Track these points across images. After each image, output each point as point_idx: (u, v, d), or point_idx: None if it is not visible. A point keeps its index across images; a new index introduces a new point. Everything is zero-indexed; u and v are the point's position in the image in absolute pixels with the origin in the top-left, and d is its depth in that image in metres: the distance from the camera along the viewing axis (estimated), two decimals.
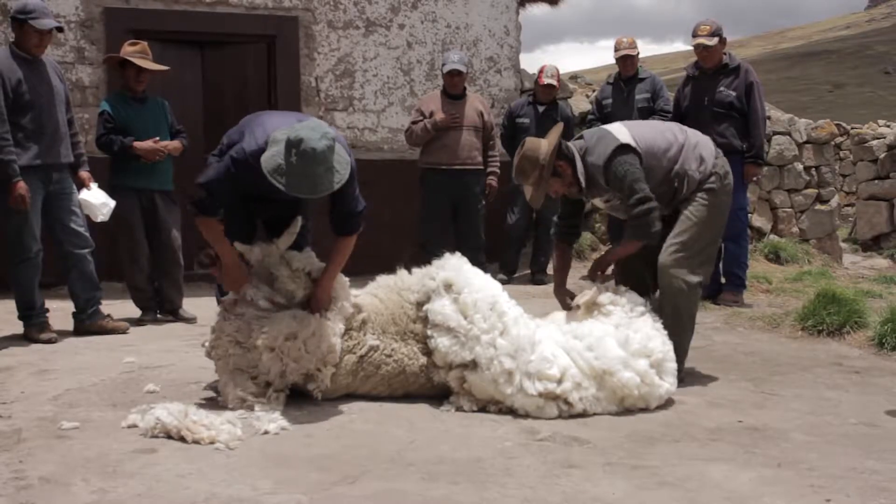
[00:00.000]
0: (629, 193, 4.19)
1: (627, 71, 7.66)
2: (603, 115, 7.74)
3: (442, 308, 3.86)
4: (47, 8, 5.34)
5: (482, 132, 7.36)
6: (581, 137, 4.47)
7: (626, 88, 7.67)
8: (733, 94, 6.52)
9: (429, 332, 3.87)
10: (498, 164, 7.51)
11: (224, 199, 3.83)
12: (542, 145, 4.25)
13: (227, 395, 3.79)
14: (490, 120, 7.46)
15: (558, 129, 4.37)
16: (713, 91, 6.57)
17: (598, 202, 4.50)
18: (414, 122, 7.34)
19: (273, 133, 3.67)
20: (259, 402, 3.69)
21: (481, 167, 7.38)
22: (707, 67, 6.61)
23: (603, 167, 4.23)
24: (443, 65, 7.40)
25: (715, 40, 6.49)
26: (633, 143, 4.26)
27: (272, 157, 3.59)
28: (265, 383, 3.78)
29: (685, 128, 4.58)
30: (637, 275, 4.45)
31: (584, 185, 4.30)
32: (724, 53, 6.61)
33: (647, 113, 7.51)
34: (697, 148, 4.39)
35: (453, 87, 7.31)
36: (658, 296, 4.39)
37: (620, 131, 4.35)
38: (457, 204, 7.34)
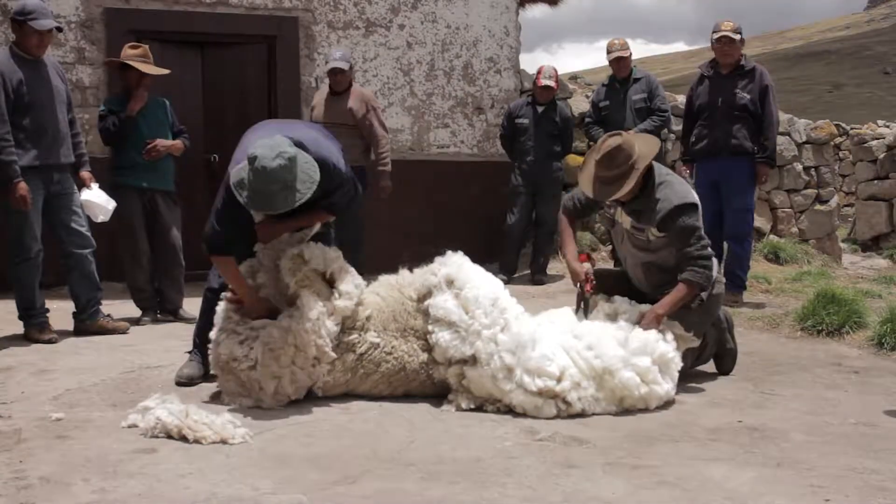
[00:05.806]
0: (694, 242, 4.20)
1: (621, 72, 7.63)
2: (600, 117, 7.73)
3: (444, 303, 3.87)
4: (47, 8, 5.34)
5: (360, 129, 6.94)
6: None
7: (621, 90, 7.64)
8: (748, 96, 6.52)
9: (430, 327, 3.88)
10: (388, 163, 7.05)
11: (233, 231, 3.85)
12: (637, 146, 4.24)
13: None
14: (368, 116, 6.95)
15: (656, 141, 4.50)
16: (728, 92, 6.56)
17: (625, 220, 4.42)
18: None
19: (251, 148, 3.66)
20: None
21: (360, 165, 6.73)
22: (724, 65, 6.62)
23: (675, 207, 4.17)
24: (325, 62, 7.34)
25: (738, 36, 6.53)
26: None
27: (238, 172, 3.65)
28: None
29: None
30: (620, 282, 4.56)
31: (634, 197, 4.27)
32: (741, 55, 6.62)
33: (645, 113, 7.50)
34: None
35: (336, 85, 6.98)
36: None
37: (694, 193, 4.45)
38: None
